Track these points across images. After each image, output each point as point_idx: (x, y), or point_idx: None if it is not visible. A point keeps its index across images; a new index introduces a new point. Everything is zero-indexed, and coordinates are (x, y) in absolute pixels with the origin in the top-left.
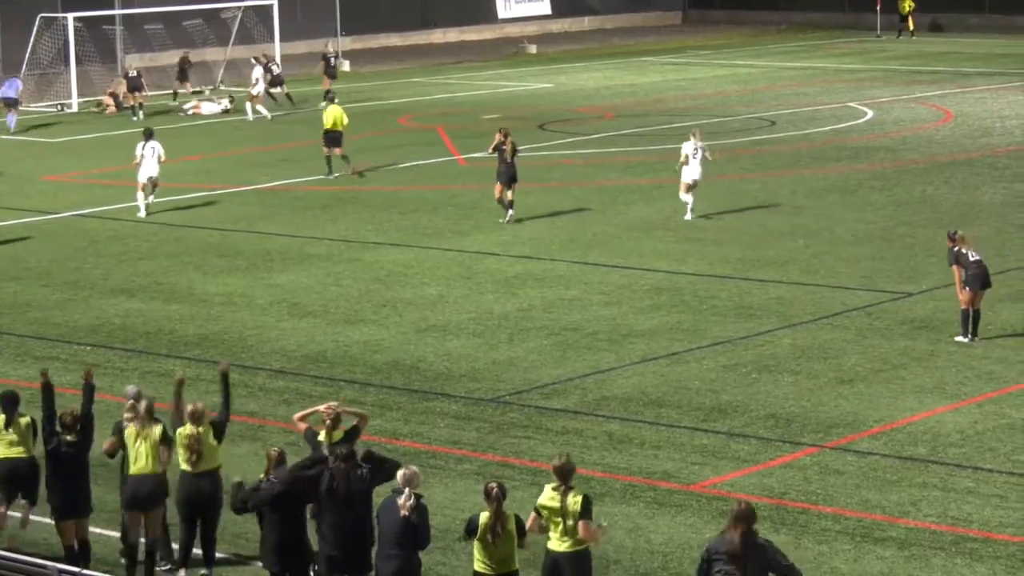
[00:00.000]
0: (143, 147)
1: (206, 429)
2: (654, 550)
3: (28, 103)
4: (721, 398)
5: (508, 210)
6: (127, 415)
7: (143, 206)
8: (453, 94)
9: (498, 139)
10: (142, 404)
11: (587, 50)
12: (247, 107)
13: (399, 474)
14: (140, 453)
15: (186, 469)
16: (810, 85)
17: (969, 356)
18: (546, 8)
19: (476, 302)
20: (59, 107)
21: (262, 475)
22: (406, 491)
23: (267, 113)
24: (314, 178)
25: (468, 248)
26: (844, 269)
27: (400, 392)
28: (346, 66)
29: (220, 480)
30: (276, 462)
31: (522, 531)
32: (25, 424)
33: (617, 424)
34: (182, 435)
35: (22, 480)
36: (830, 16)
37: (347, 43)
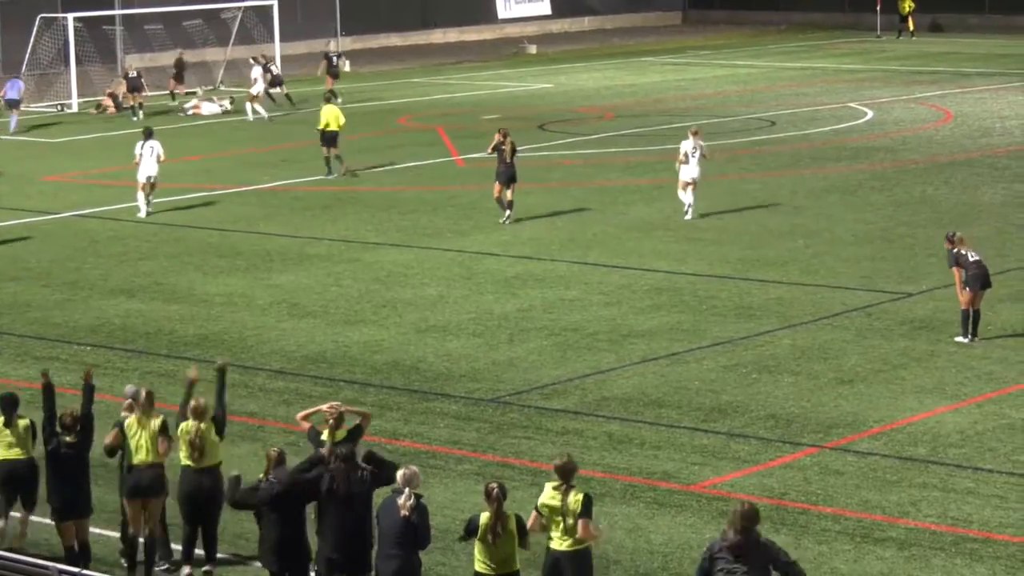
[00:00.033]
0: (142, 146)
1: (208, 425)
2: (654, 550)
3: (28, 103)
4: (721, 398)
5: (507, 210)
6: (124, 414)
7: (143, 206)
8: (453, 94)
9: (497, 139)
10: (142, 392)
11: (587, 50)
12: (247, 107)
13: (399, 474)
14: (141, 444)
15: (188, 465)
16: (810, 85)
17: (969, 356)
18: (546, 8)
19: (476, 302)
20: (59, 107)
21: (261, 475)
22: (406, 491)
23: (264, 113)
24: (314, 178)
25: (468, 248)
26: (844, 269)
27: (400, 392)
28: (346, 66)
29: (221, 476)
30: (276, 462)
31: (523, 531)
32: (24, 426)
33: (617, 424)
34: (184, 430)
35: (21, 481)
36: (830, 16)
37: (347, 43)
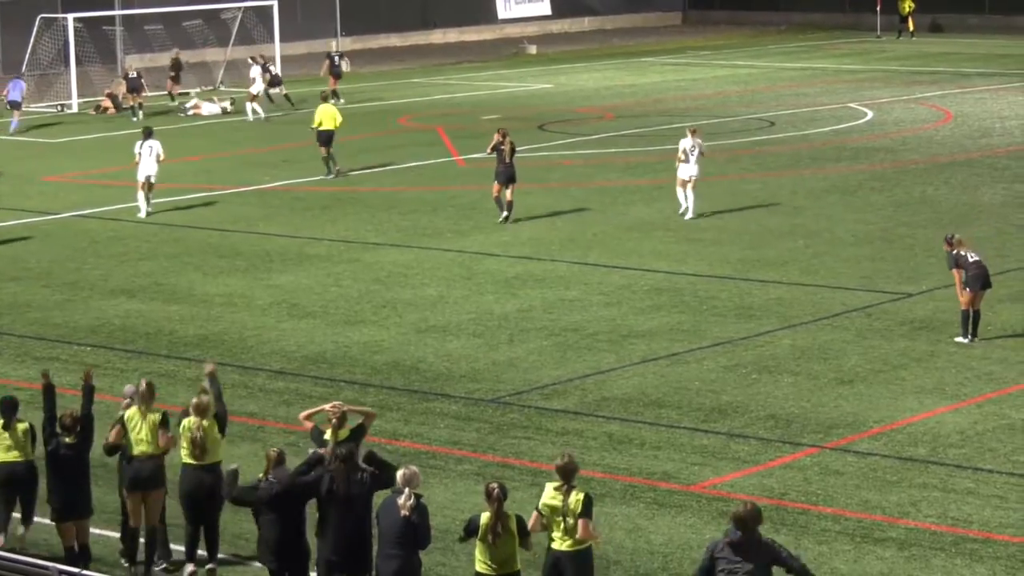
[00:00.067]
0: (141, 146)
1: (211, 423)
2: (654, 551)
3: (28, 104)
4: (721, 399)
5: (504, 211)
6: (126, 402)
7: (143, 206)
8: (453, 95)
9: (496, 139)
10: (143, 384)
11: (587, 51)
12: (247, 107)
13: (399, 474)
14: (141, 437)
15: (189, 462)
16: (810, 86)
17: (969, 357)
18: (546, 8)
19: (476, 303)
20: (59, 108)
21: (261, 475)
22: (406, 491)
23: (262, 113)
24: (314, 179)
25: (468, 249)
26: (844, 270)
27: (400, 393)
28: (346, 66)
29: (222, 474)
30: (275, 462)
31: (524, 532)
32: (23, 430)
33: (617, 425)
34: (186, 427)
35: (20, 484)
36: (830, 17)
37: (347, 43)
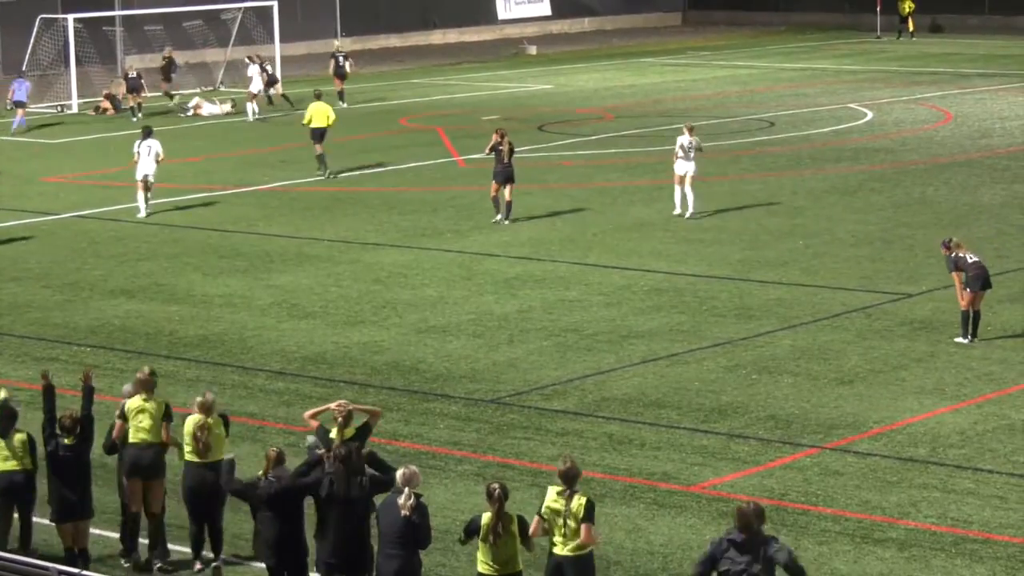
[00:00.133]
0: (140, 145)
1: (216, 420)
2: (654, 551)
3: (28, 104)
4: (721, 399)
5: (498, 213)
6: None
7: (142, 206)
8: (453, 95)
9: (495, 139)
10: (145, 370)
11: (587, 51)
12: (247, 107)
13: (398, 474)
14: (142, 425)
15: (192, 460)
16: (810, 86)
17: (969, 357)
18: (546, 9)
19: (476, 303)
20: (59, 108)
21: (260, 473)
22: (406, 491)
23: (258, 113)
24: (314, 179)
25: (468, 249)
26: (844, 270)
27: (400, 393)
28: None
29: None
30: (275, 462)
31: (525, 532)
32: (20, 440)
33: (617, 425)
34: (191, 424)
35: (17, 494)
36: (830, 17)
37: (347, 44)
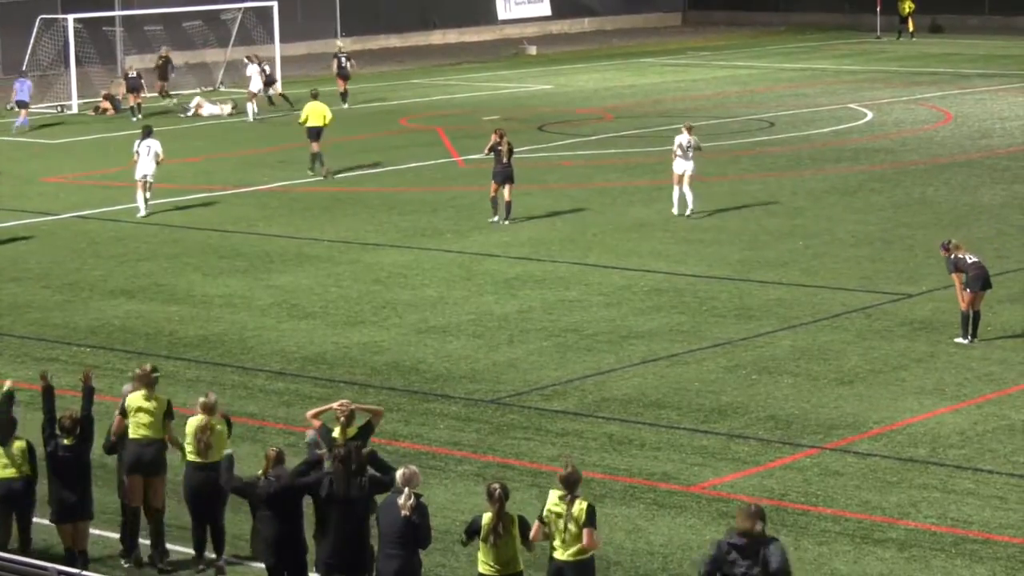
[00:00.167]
0: (139, 144)
1: (218, 421)
2: (654, 551)
3: (31, 104)
4: (721, 399)
5: (496, 213)
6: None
7: (142, 205)
8: (453, 95)
9: (494, 140)
10: (147, 367)
11: (587, 51)
12: (248, 108)
13: (398, 474)
14: (143, 421)
15: (193, 460)
16: (810, 86)
17: (969, 357)
18: (546, 9)
19: (476, 303)
20: (59, 108)
21: (260, 472)
22: (406, 491)
23: (257, 113)
24: (314, 179)
25: (468, 249)
26: (844, 270)
27: (400, 393)
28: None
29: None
30: (274, 461)
31: (526, 532)
32: (19, 448)
33: (617, 425)
34: (193, 425)
35: (16, 501)
36: (830, 17)
37: (347, 44)
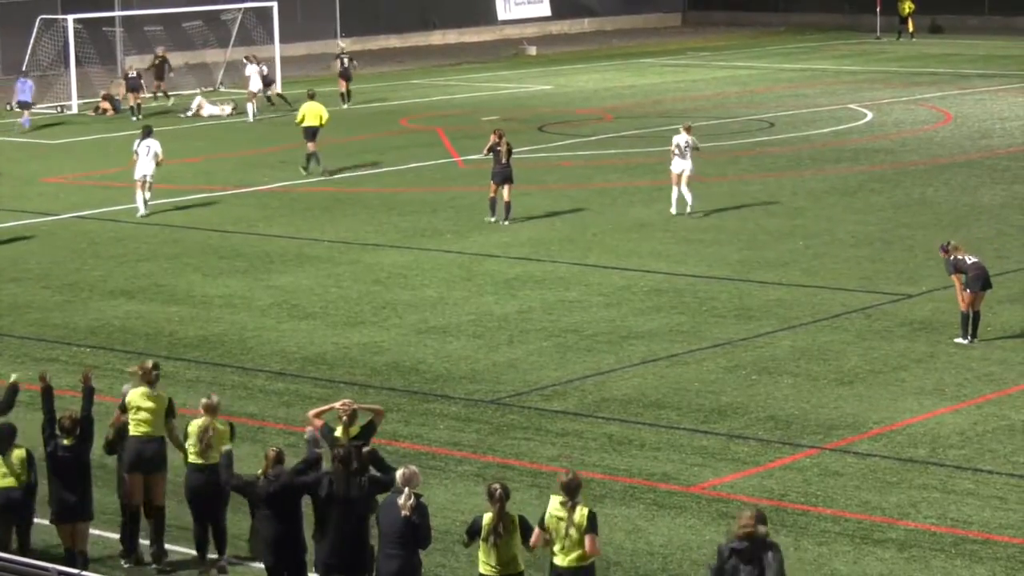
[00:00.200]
0: (139, 144)
1: (220, 422)
2: (654, 552)
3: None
4: (721, 400)
5: (493, 213)
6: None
7: (141, 204)
8: (453, 96)
9: (493, 140)
10: (148, 364)
11: (587, 52)
12: (248, 108)
13: (398, 474)
14: (143, 418)
15: (194, 461)
16: (810, 87)
17: (969, 358)
18: (546, 10)
19: (476, 304)
20: (59, 109)
21: (259, 472)
22: (406, 491)
23: (257, 113)
24: (314, 180)
25: (468, 250)
26: (844, 271)
27: (400, 394)
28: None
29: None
30: (274, 461)
31: (527, 533)
32: (19, 456)
33: (617, 426)
34: (195, 427)
35: (15, 511)
36: (830, 18)
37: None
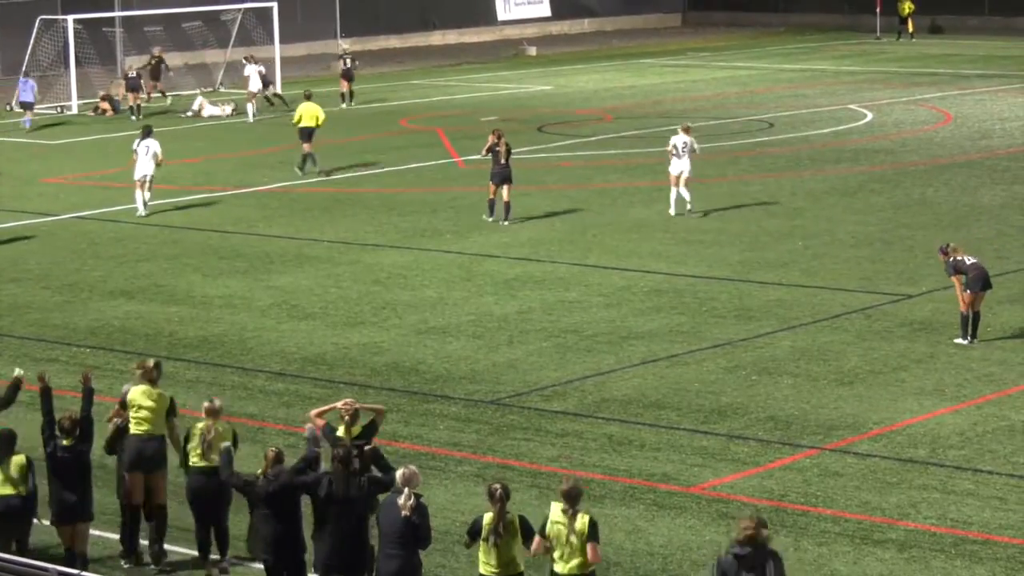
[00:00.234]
0: (138, 144)
1: (221, 425)
2: (654, 552)
3: (35, 104)
4: (721, 400)
5: (492, 213)
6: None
7: (141, 204)
8: (452, 96)
9: (491, 140)
10: (150, 362)
11: (586, 52)
12: (248, 108)
13: (398, 474)
14: (143, 416)
15: (196, 464)
16: (810, 87)
17: (968, 358)
18: (546, 10)
19: (476, 304)
20: (59, 109)
21: (259, 472)
22: (406, 491)
23: (257, 114)
24: (313, 180)
25: (468, 250)
26: (844, 271)
27: (400, 394)
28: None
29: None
30: (273, 461)
31: (528, 532)
32: (18, 464)
33: (617, 426)
34: (197, 430)
35: (14, 518)
36: (830, 18)
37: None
